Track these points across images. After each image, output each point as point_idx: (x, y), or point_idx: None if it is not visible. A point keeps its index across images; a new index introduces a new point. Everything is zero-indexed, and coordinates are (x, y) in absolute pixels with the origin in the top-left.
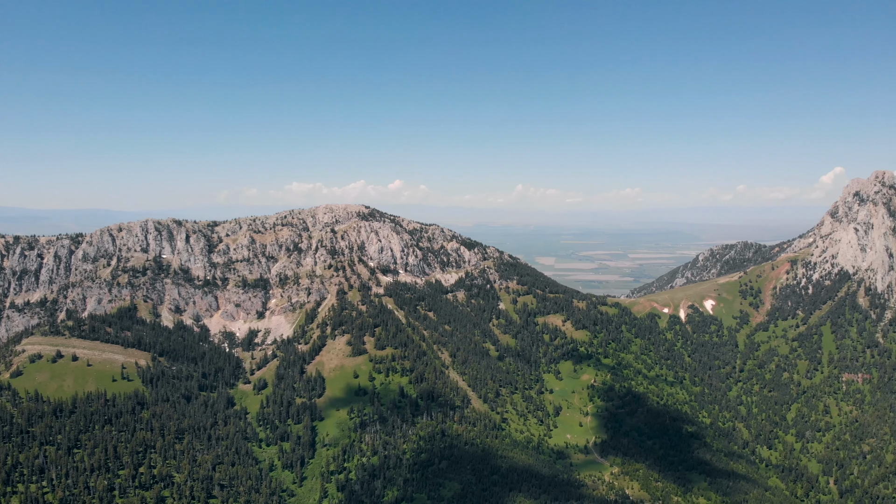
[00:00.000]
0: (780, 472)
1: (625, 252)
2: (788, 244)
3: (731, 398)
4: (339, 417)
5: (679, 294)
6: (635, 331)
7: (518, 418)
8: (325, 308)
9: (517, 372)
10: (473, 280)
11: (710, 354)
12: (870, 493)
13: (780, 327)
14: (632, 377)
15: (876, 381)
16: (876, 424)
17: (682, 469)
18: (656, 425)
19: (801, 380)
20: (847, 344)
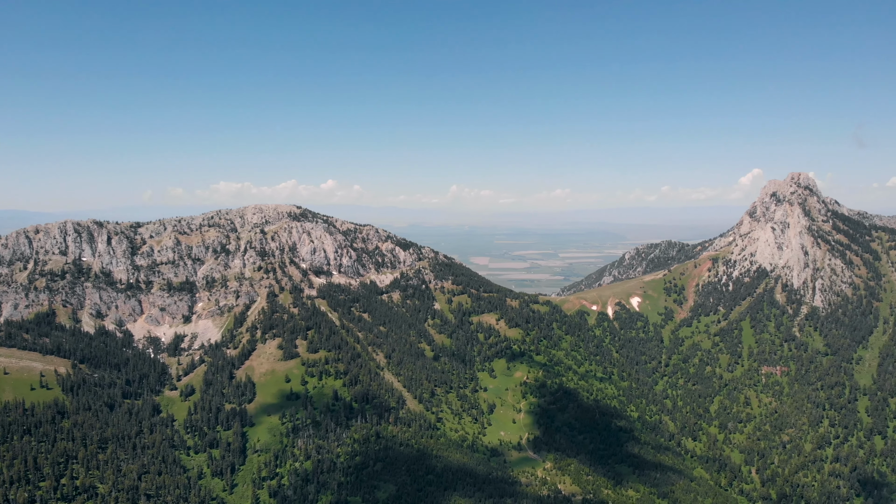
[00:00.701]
0: (704, 462)
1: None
2: (710, 243)
3: (657, 392)
4: (270, 423)
5: (607, 292)
6: (566, 328)
7: (453, 417)
8: (254, 311)
9: (452, 371)
10: (409, 280)
11: (637, 350)
12: (790, 482)
13: (702, 323)
14: (563, 373)
15: (793, 374)
16: (794, 415)
17: (612, 462)
18: (587, 420)
19: (724, 373)
20: (766, 338)
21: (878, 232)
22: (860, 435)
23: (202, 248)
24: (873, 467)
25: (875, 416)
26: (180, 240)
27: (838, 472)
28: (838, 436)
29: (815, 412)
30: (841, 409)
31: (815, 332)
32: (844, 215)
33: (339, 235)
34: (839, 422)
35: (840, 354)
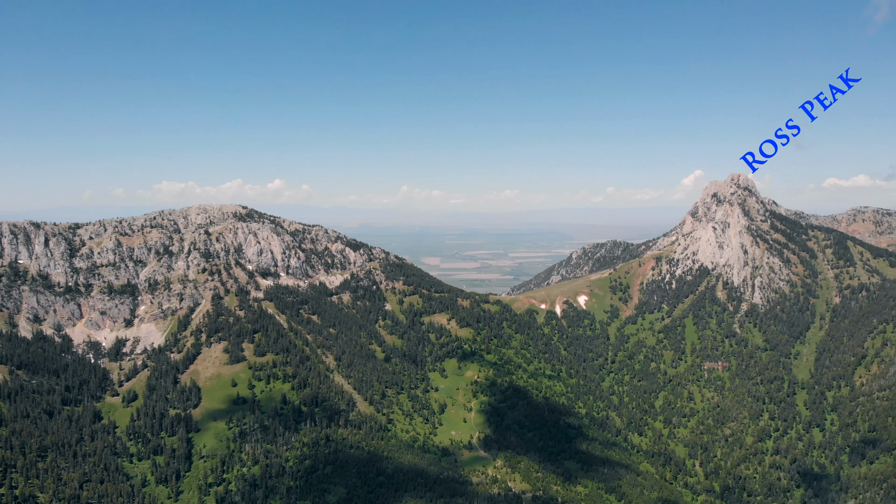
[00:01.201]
0: (650, 457)
1: (505, 251)
2: (654, 242)
3: (604, 388)
4: (217, 428)
5: (555, 291)
6: (515, 327)
7: (404, 418)
8: (199, 314)
9: (403, 372)
10: (359, 281)
11: (585, 347)
12: (732, 474)
13: (647, 320)
14: (513, 372)
15: (734, 369)
16: (735, 409)
17: (561, 459)
18: (537, 418)
19: (668, 369)
20: (708, 334)
21: (814, 231)
22: (799, 428)
23: (144, 250)
24: (812, 459)
25: (813, 410)
26: (121, 241)
27: (779, 464)
28: (778, 429)
29: (755, 406)
30: (780, 403)
31: (754, 329)
32: (782, 215)
33: (286, 236)
34: (779, 415)
35: (779, 350)
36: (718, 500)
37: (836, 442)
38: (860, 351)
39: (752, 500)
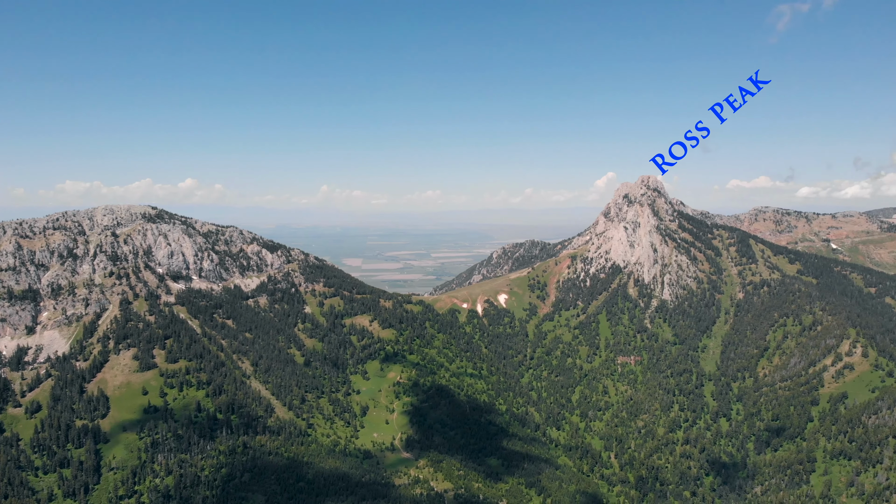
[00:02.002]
0: (568, 450)
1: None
2: (569, 242)
3: (523, 385)
4: (127, 439)
5: (476, 290)
6: (438, 326)
7: (325, 422)
8: (106, 320)
9: (324, 376)
10: (277, 284)
11: (505, 345)
12: (646, 465)
13: (563, 317)
14: (436, 371)
15: (646, 363)
16: (647, 401)
17: (482, 456)
18: (458, 416)
19: (583, 364)
20: (620, 330)
21: (718, 230)
22: (707, 418)
23: (46, 253)
24: (720, 448)
25: (720, 400)
26: (22, 244)
27: (689, 453)
28: (688, 419)
29: (666, 398)
30: (689, 395)
31: (664, 324)
32: (689, 215)
33: (199, 238)
34: (688, 406)
35: (687, 343)
36: (633, 490)
37: (742, 431)
38: (762, 343)
39: (664, 490)
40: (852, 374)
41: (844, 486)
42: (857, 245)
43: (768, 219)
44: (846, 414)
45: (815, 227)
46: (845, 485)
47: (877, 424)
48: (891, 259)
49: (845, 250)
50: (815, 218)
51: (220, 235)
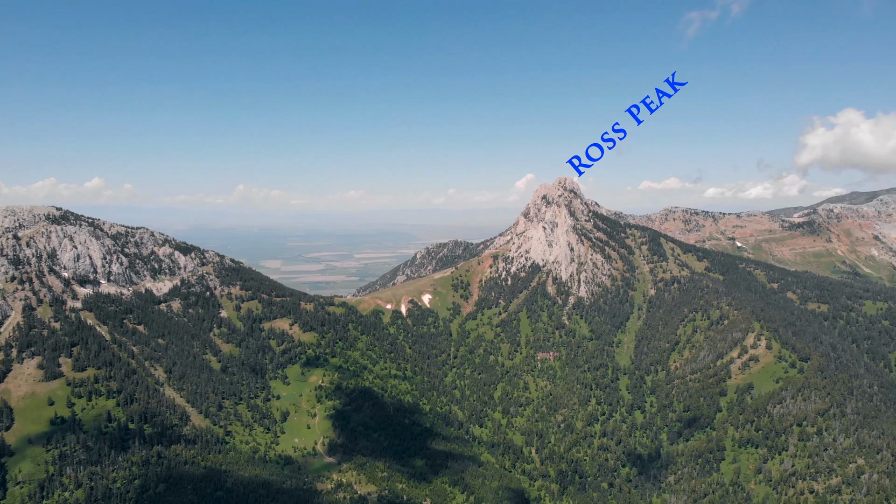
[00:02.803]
0: (491, 447)
1: (350, 252)
2: (491, 242)
3: (447, 384)
4: (34, 452)
5: (400, 290)
6: (361, 328)
7: (244, 429)
8: (8, 328)
9: (242, 382)
10: (191, 288)
11: (429, 345)
12: (565, 458)
13: (485, 315)
14: (359, 374)
15: (564, 358)
16: (566, 396)
17: (406, 457)
18: (383, 418)
19: (505, 361)
20: (540, 327)
21: (631, 230)
22: (623, 411)
23: None
24: (635, 439)
25: (634, 393)
26: None
27: (606, 445)
28: (604, 412)
29: (583, 392)
30: (605, 388)
31: (581, 320)
32: (604, 215)
33: (107, 240)
34: (604, 400)
35: (603, 339)
36: (554, 483)
37: (656, 422)
38: (673, 338)
39: (584, 482)
40: (757, 365)
41: (753, 472)
42: (760, 243)
43: (678, 218)
44: (752, 404)
45: (722, 227)
46: (753, 472)
47: (781, 413)
48: (791, 256)
49: (749, 248)
50: (722, 217)
51: (130, 237)
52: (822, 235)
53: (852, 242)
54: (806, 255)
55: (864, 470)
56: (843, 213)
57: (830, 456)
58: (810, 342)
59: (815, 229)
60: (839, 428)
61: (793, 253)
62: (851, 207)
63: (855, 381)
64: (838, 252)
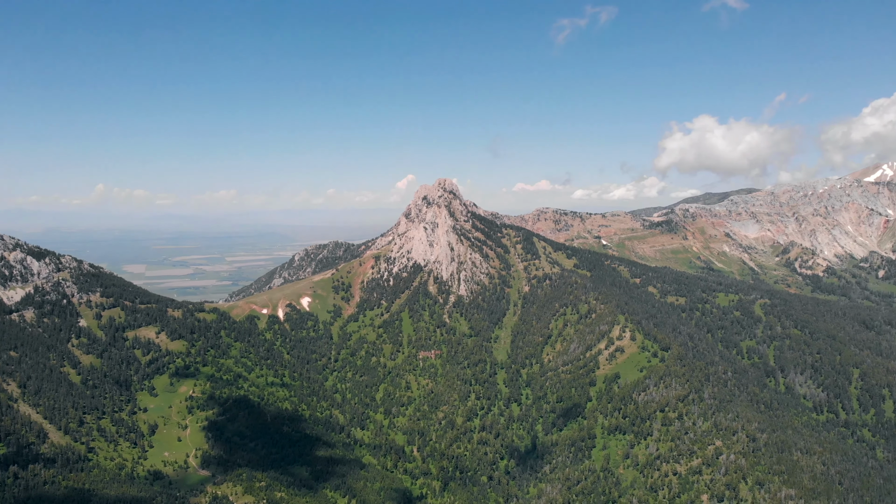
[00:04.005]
0: (372, 449)
1: (222, 255)
2: (373, 242)
3: (327, 388)
4: None
5: (277, 294)
6: (235, 335)
7: (108, 445)
8: None
9: (105, 395)
10: (45, 295)
11: (308, 349)
12: (446, 455)
13: (367, 317)
14: (233, 382)
15: (445, 356)
16: (447, 393)
17: (285, 465)
18: (259, 427)
19: (387, 362)
20: (422, 326)
21: (507, 229)
22: (500, 404)
23: None
24: (513, 432)
25: (511, 387)
26: None
27: (485, 439)
28: (483, 407)
29: (463, 388)
30: (484, 383)
31: (461, 318)
32: (481, 216)
33: None
34: (483, 394)
35: (481, 335)
36: (435, 480)
37: (532, 414)
38: (546, 332)
39: (464, 477)
40: (623, 356)
41: (621, 458)
42: (623, 241)
43: (549, 218)
44: (619, 392)
45: (589, 226)
46: (622, 457)
47: (645, 400)
48: (652, 253)
49: (614, 246)
50: (589, 217)
51: None
52: (680, 233)
53: (706, 240)
54: (665, 252)
55: (722, 451)
56: (698, 213)
57: (691, 439)
58: (670, 333)
59: (673, 228)
60: (698, 412)
61: (653, 250)
62: (705, 207)
63: (711, 368)
64: (694, 249)
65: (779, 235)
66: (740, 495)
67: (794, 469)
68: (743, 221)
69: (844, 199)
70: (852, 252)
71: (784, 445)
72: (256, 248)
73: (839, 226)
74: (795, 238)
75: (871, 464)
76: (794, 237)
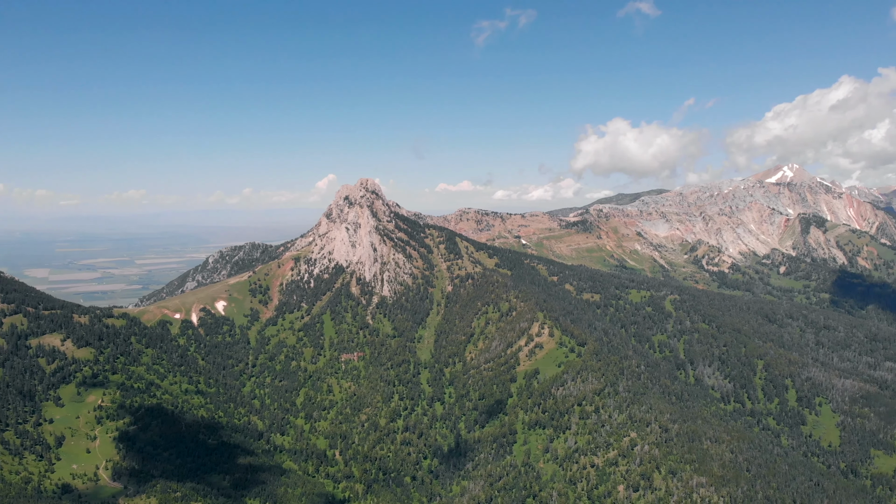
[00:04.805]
0: (293, 455)
1: (132, 258)
2: (292, 243)
3: (245, 394)
4: None
5: (191, 298)
6: (146, 341)
7: (12, 458)
8: None
9: (8, 406)
10: None
11: (224, 354)
12: (369, 457)
13: (287, 320)
14: (145, 390)
15: (368, 357)
16: (370, 395)
17: (202, 474)
18: (174, 436)
19: (308, 365)
20: (344, 328)
21: (430, 230)
22: (424, 404)
23: None
24: (436, 431)
25: (434, 386)
26: None
27: (409, 440)
28: (407, 407)
29: (387, 389)
30: (408, 384)
31: (384, 319)
32: (404, 216)
33: None
34: (407, 395)
35: (405, 335)
36: (358, 483)
37: (455, 412)
38: (469, 330)
39: (388, 478)
40: (542, 352)
41: (541, 452)
42: (542, 240)
43: (471, 219)
44: (539, 388)
45: (509, 226)
46: (542, 451)
47: (564, 395)
48: (569, 251)
49: (533, 245)
50: (509, 217)
51: None
52: (594, 233)
53: (619, 238)
54: (581, 251)
55: (637, 442)
56: (611, 213)
57: (607, 431)
58: (586, 329)
59: (588, 227)
60: (613, 405)
61: (570, 249)
62: (618, 207)
63: (625, 362)
64: (608, 247)
65: (687, 234)
66: (654, 484)
67: (705, 457)
68: (653, 221)
69: (748, 199)
70: (755, 249)
71: (694, 435)
72: (168, 250)
73: (743, 224)
74: (703, 236)
75: (776, 451)
76: (702, 235)
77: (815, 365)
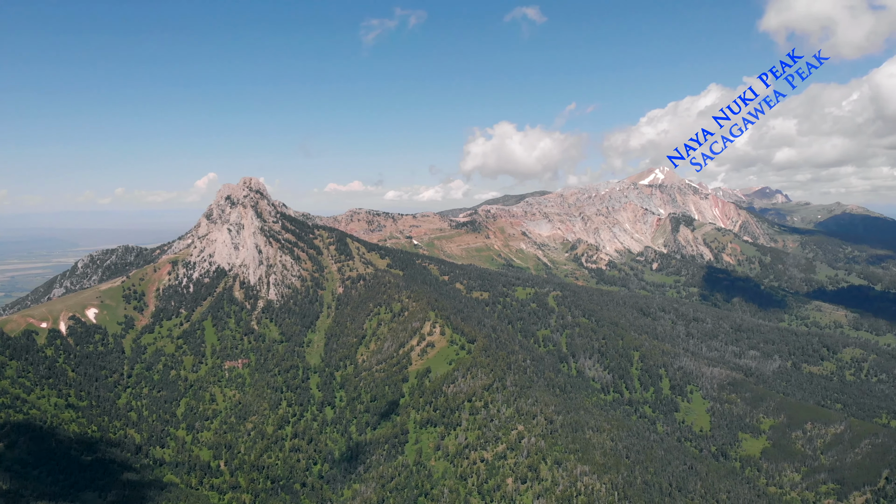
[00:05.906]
0: (174, 467)
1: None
2: (169, 246)
3: (120, 406)
4: None
5: (58, 305)
6: (10, 352)
7: None
8: None
9: None
10: None
11: (97, 365)
12: (256, 466)
13: (165, 327)
14: (10, 405)
15: (254, 364)
16: (257, 402)
17: (76, 492)
18: (43, 453)
19: (188, 374)
20: (227, 334)
21: (319, 230)
22: (314, 409)
23: None
24: (327, 436)
25: (324, 390)
26: None
27: (298, 446)
28: (296, 413)
29: (274, 396)
30: (297, 389)
31: (271, 323)
32: (292, 217)
33: None
34: (295, 401)
35: (293, 340)
36: (245, 493)
37: (346, 416)
38: (361, 332)
39: (276, 487)
40: (434, 350)
41: (433, 450)
42: (433, 240)
43: (362, 219)
44: (430, 386)
45: (401, 226)
46: (433, 449)
47: (454, 392)
48: (459, 251)
49: (424, 245)
50: (400, 218)
51: None
52: (482, 233)
53: (506, 238)
54: (470, 251)
55: (524, 435)
56: (498, 213)
57: (496, 426)
58: (475, 326)
59: (477, 227)
60: (501, 400)
61: (460, 248)
62: (504, 208)
63: (512, 357)
64: (495, 247)
65: (568, 233)
66: (541, 475)
67: (587, 447)
68: (537, 221)
69: (623, 200)
70: (630, 247)
71: (578, 425)
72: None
73: (619, 224)
74: (582, 235)
75: (652, 437)
76: (581, 235)
77: (686, 355)
